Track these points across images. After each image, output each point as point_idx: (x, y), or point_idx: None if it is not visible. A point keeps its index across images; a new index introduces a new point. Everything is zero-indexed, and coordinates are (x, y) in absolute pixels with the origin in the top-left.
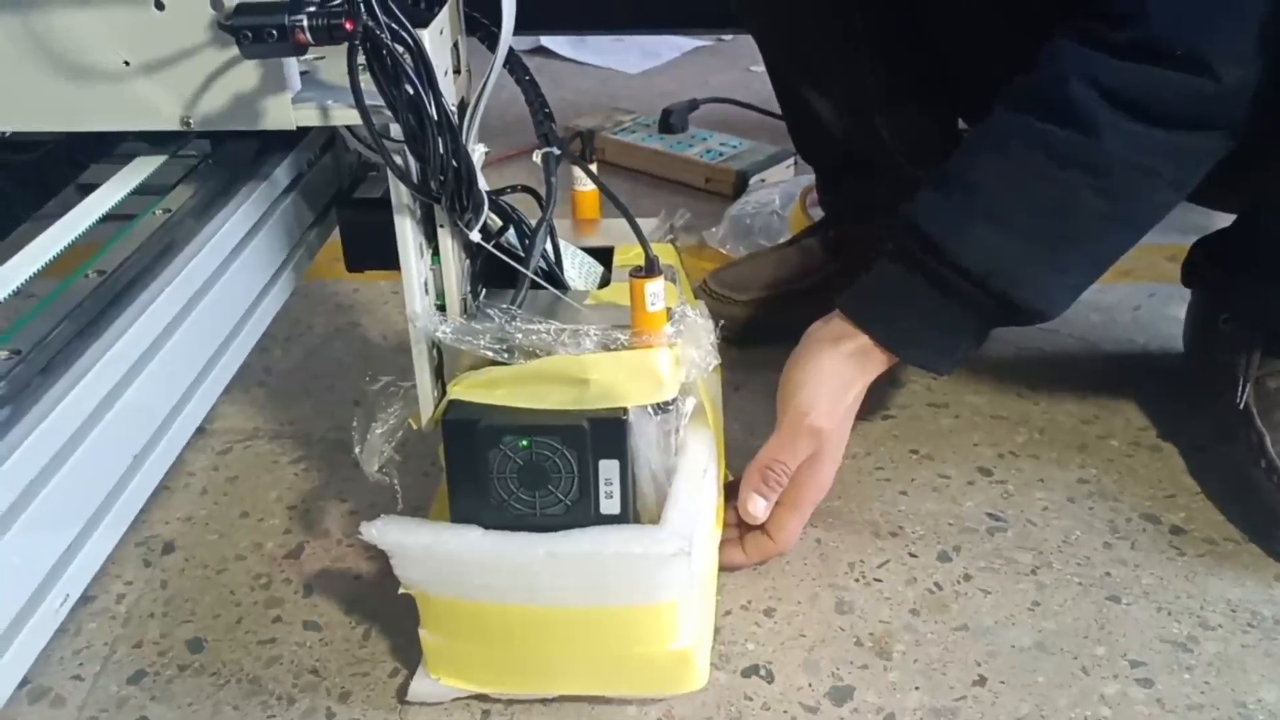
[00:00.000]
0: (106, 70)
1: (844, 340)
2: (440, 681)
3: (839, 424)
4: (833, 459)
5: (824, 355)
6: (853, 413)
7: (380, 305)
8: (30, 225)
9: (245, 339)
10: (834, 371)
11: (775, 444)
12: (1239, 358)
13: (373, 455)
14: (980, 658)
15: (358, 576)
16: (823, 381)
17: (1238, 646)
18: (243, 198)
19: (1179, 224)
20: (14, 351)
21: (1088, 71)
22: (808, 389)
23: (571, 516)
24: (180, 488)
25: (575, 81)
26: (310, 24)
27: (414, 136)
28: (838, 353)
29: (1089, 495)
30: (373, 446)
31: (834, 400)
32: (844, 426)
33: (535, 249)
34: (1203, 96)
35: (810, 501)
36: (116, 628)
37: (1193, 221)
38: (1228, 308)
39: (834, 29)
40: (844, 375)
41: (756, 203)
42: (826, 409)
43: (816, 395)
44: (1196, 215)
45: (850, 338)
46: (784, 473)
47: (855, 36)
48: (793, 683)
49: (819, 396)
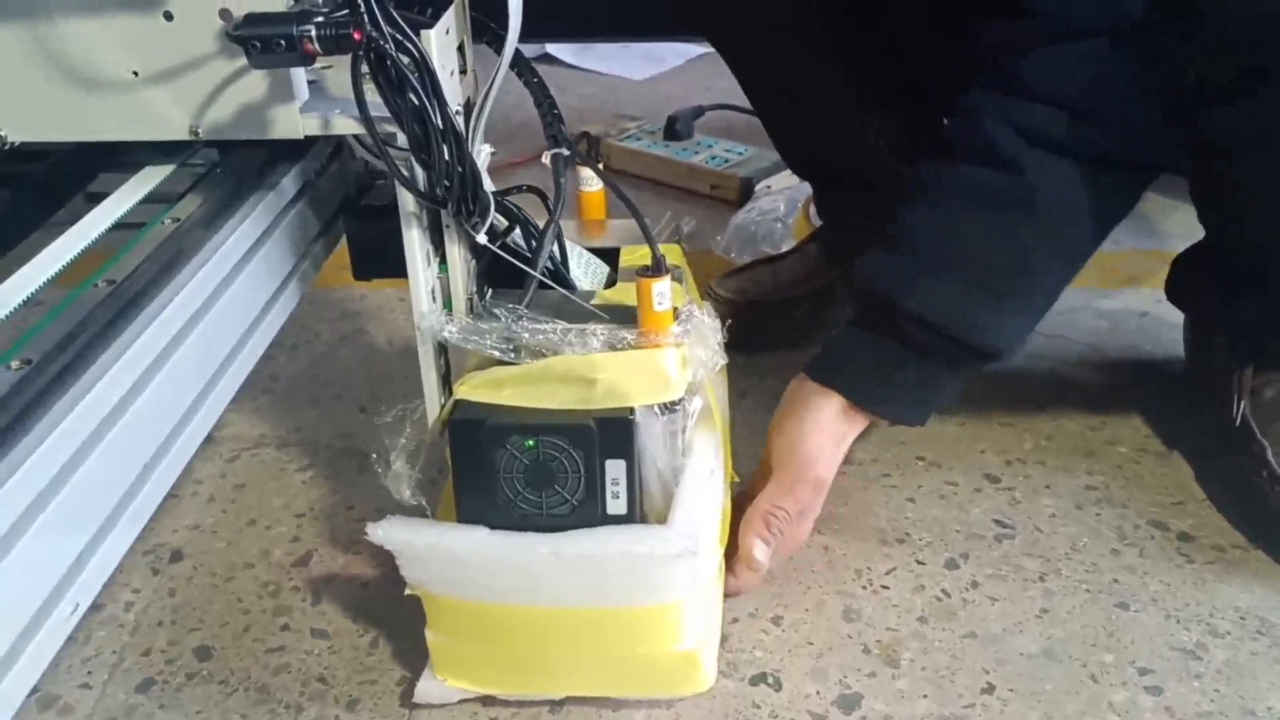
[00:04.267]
0: (115, 80)
1: (829, 397)
2: (446, 683)
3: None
4: (816, 511)
5: (820, 409)
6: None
7: (387, 312)
8: (40, 234)
9: (253, 348)
10: (831, 423)
11: (777, 490)
12: (1232, 371)
13: (400, 482)
14: (988, 665)
15: (365, 584)
16: (824, 432)
17: (1247, 654)
18: (250, 207)
19: (1184, 231)
20: (25, 361)
21: (1004, 116)
22: (812, 439)
23: (578, 516)
24: (188, 496)
25: (580, 88)
26: (318, 34)
27: (419, 145)
28: (830, 406)
29: (1096, 502)
30: (398, 474)
31: (834, 452)
32: (829, 477)
33: (543, 249)
34: (1103, 139)
35: (788, 551)
36: (125, 636)
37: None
38: (1214, 323)
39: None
40: (838, 429)
41: (761, 210)
42: (828, 461)
43: (821, 447)
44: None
45: (833, 400)
46: (785, 520)
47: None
48: (800, 690)
49: (823, 449)
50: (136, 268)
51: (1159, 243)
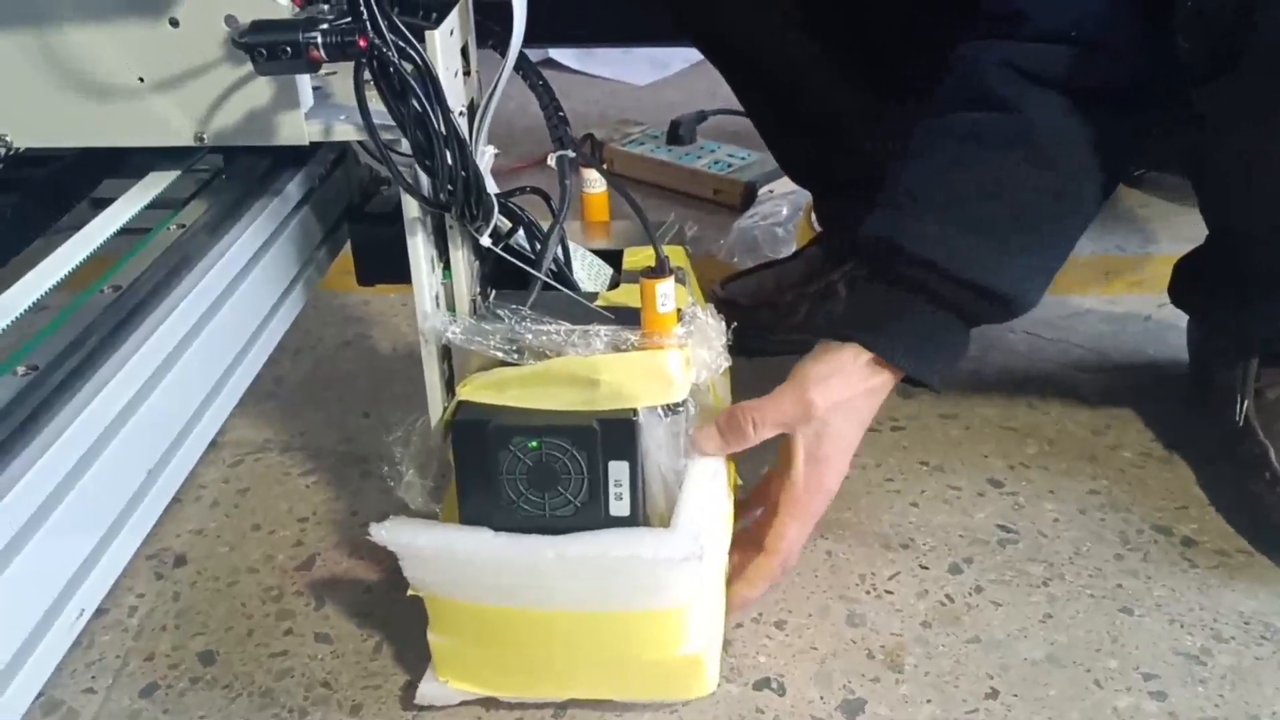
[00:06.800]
0: (121, 86)
1: (845, 346)
2: (448, 684)
3: (839, 419)
4: (835, 461)
5: (833, 351)
6: (863, 426)
7: (390, 317)
8: (45, 240)
9: (258, 353)
10: (843, 363)
11: (760, 399)
12: (1235, 372)
13: (414, 492)
14: (992, 670)
15: (369, 588)
16: (831, 367)
17: (1251, 659)
18: (255, 212)
19: (1189, 234)
20: (31, 367)
21: (1001, 57)
22: (816, 368)
23: (581, 518)
24: (191, 500)
25: (583, 93)
26: (324, 41)
27: (422, 150)
28: (846, 352)
29: (1100, 506)
30: (411, 484)
31: (841, 387)
32: (845, 428)
33: (548, 250)
34: (1106, 71)
35: (810, 509)
36: (128, 640)
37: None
38: (1217, 324)
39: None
40: (850, 371)
41: (764, 214)
42: (828, 392)
43: (824, 377)
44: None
45: (859, 351)
46: (750, 421)
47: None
48: (804, 695)
49: (827, 380)
50: (142, 273)
51: (1161, 247)
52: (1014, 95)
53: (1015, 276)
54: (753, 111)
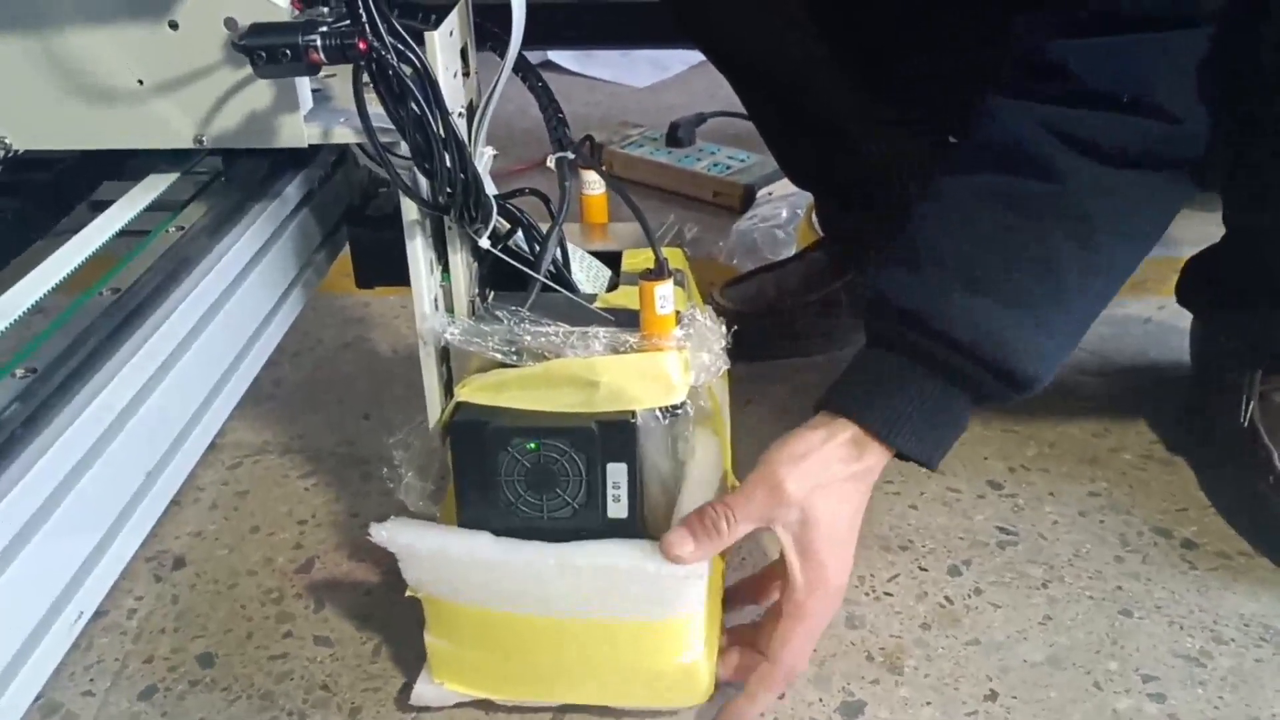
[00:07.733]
0: (120, 89)
1: (834, 430)
2: (444, 686)
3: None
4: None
5: (818, 428)
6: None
7: (390, 319)
8: (44, 242)
9: (257, 355)
10: (827, 446)
11: (732, 492)
12: (1242, 374)
13: (414, 494)
14: (992, 672)
15: (368, 591)
16: (808, 445)
17: (1251, 661)
18: (254, 215)
19: (1193, 236)
20: (30, 369)
21: (1037, 119)
22: (791, 448)
23: (579, 520)
24: (190, 502)
25: (583, 95)
26: (323, 44)
27: (421, 153)
28: (833, 429)
29: (1100, 509)
30: (411, 486)
31: (818, 469)
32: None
33: (547, 252)
34: (1160, 138)
35: (814, 611)
36: (127, 643)
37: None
38: (1225, 326)
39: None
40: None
41: (763, 217)
42: (803, 476)
43: (799, 457)
44: (1211, 228)
45: (838, 429)
46: (722, 518)
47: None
48: (803, 698)
49: (802, 462)
50: (140, 276)
51: (1165, 249)
52: (1052, 162)
53: (1044, 358)
54: (754, 112)
